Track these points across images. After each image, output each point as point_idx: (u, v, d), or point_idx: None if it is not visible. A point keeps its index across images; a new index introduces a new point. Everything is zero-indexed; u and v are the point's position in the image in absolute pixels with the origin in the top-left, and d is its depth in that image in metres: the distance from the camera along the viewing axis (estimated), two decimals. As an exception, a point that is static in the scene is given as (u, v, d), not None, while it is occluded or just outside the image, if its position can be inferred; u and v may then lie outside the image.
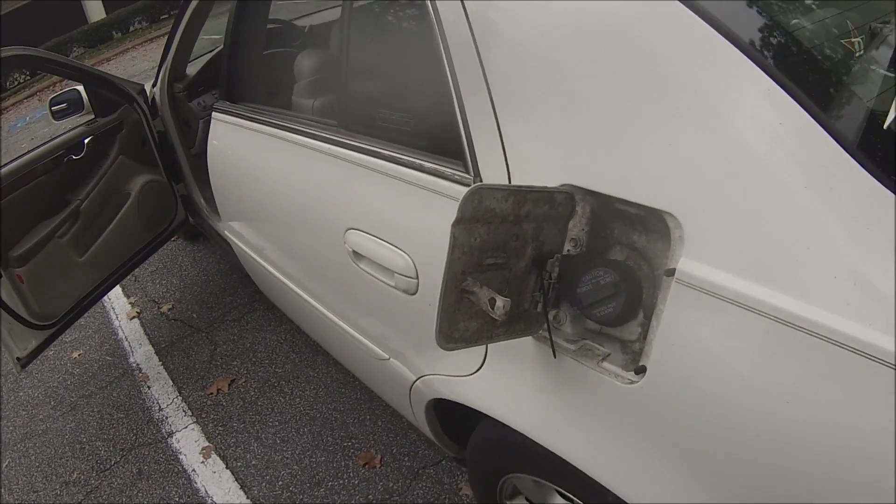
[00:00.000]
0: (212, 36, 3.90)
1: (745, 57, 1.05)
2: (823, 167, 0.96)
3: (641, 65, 1.15)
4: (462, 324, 1.21)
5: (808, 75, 1.13)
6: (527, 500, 1.96)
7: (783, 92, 1.01)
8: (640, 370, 1.18)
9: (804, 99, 1.00)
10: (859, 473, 0.92)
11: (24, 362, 3.00)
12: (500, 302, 1.12)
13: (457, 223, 1.11)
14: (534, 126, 1.34)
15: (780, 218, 0.98)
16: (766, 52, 1.08)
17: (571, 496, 1.58)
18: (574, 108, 1.25)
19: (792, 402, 0.97)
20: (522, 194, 1.18)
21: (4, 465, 3.42)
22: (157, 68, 3.83)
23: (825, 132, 0.97)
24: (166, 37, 3.56)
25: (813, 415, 0.95)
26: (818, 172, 0.96)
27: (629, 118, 1.16)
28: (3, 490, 3.27)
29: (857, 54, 1.25)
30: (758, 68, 1.03)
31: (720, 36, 1.07)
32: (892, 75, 1.22)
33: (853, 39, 1.27)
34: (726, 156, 1.04)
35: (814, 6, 1.36)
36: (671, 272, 1.10)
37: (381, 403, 3.12)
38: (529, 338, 1.38)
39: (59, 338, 3.28)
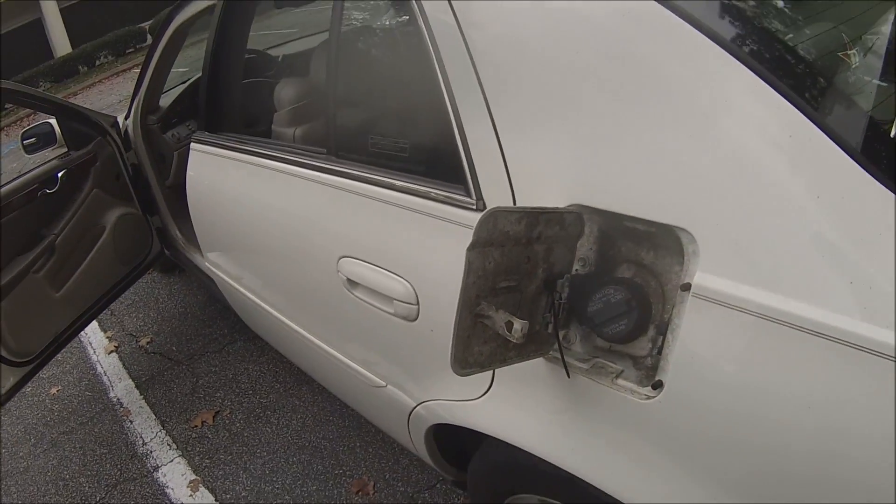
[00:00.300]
0: (178, 69, 3.88)
1: (752, 72, 1.06)
2: (834, 177, 0.97)
3: (648, 81, 1.16)
4: (476, 348, 1.20)
5: (813, 88, 1.14)
6: (531, 520, 1.94)
7: (790, 105, 1.02)
8: (657, 385, 1.17)
9: (811, 112, 1.01)
10: (889, 481, 0.91)
11: (2, 400, 2.94)
12: (518, 325, 1.12)
13: (472, 247, 1.10)
14: (537, 145, 1.33)
15: (792, 228, 0.99)
16: (772, 67, 1.08)
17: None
18: (578, 124, 1.25)
19: (814, 410, 0.97)
20: (535, 216, 1.18)
21: (-15, 507, 3.34)
22: (129, 100, 3.80)
23: (834, 143, 0.98)
24: (133, 70, 3.55)
25: (838, 422, 0.95)
26: (829, 182, 0.97)
27: (636, 134, 1.17)
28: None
29: (854, 66, 1.26)
30: (764, 83, 1.04)
31: (726, 52, 1.08)
32: (887, 84, 1.25)
33: (849, 52, 1.29)
34: (736, 169, 1.05)
35: (809, 21, 1.38)
36: (687, 287, 1.10)
37: (370, 430, 3.09)
38: (539, 359, 1.37)
39: (37, 374, 3.21)
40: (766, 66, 1.07)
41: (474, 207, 1.47)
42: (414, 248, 1.67)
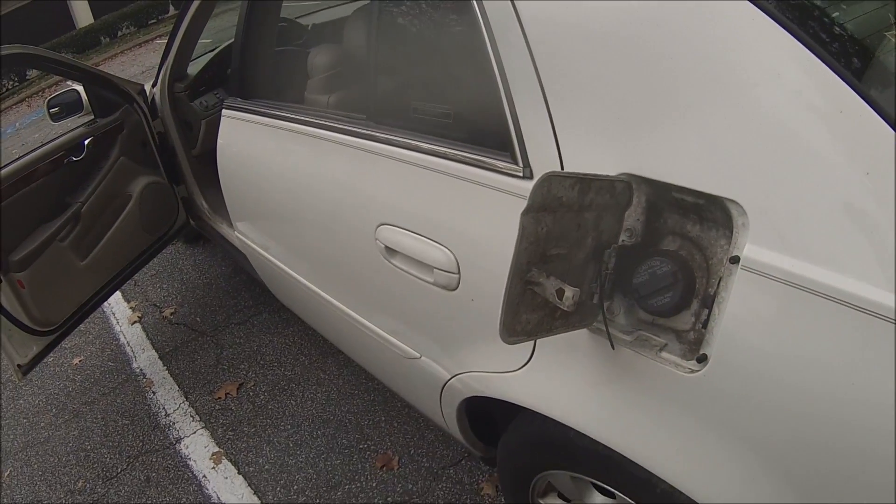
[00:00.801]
0: (202, 40, 3.85)
1: (803, 45, 1.04)
2: (884, 154, 0.95)
3: (698, 53, 1.13)
4: (524, 316, 1.18)
5: (862, 65, 1.11)
6: (560, 496, 1.91)
7: (841, 81, 1.00)
8: (702, 358, 1.16)
9: (861, 88, 0.99)
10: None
11: (25, 369, 2.94)
12: (570, 292, 1.10)
13: (526, 212, 1.08)
14: (588, 112, 1.30)
15: (843, 204, 0.98)
16: (822, 42, 1.05)
17: (616, 491, 1.54)
18: (627, 92, 1.23)
19: (858, 386, 0.97)
20: (587, 182, 1.16)
21: (6, 475, 3.35)
22: (155, 70, 3.77)
23: (884, 121, 0.96)
24: (155, 41, 3.53)
25: (884, 397, 0.94)
26: (878, 159, 0.96)
27: (685, 105, 1.15)
28: (5, 500, 3.20)
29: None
30: (815, 56, 1.02)
31: (776, 23, 1.06)
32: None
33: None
34: (786, 143, 1.03)
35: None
36: (735, 259, 1.09)
37: (396, 405, 3.07)
38: (581, 331, 1.35)
39: (60, 344, 3.21)
40: (815, 40, 1.05)
41: (521, 175, 1.43)
42: (456, 216, 1.63)
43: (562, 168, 1.36)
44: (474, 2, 1.49)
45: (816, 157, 1.00)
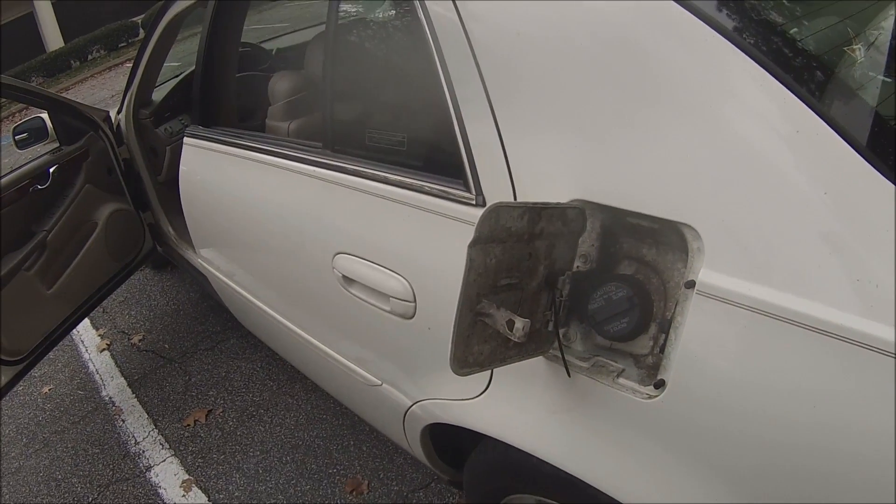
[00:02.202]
0: (170, 63, 3.85)
1: (758, 65, 1.04)
2: (841, 173, 0.96)
3: (652, 75, 1.14)
4: (476, 347, 1.18)
5: (820, 83, 1.12)
6: (526, 520, 1.92)
7: (797, 99, 1.00)
8: (660, 384, 1.16)
9: (817, 106, 1.00)
10: (890, 477, 0.91)
11: (-7, 399, 2.91)
12: (520, 323, 1.10)
13: (473, 243, 1.08)
14: (539, 138, 1.31)
15: (799, 224, 0.97)
16: (778, 60, 1.06)
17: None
18: (580, 117, 1.23)
19: (820, 409, 0.96)
20: (537, 211, 1.16)
21: (-24, 507, 3.31)
22: (122, 94, 3.76)
23: (841, 139, 0.96)
24: (125, 65, 3.52)
25: (843, 421, 0.94)
26: (836, 178, 0.96)
27: (639, 128, 1.15)
28: (-24, 532, 3.16)
29: (859, 61, 1.25)
30: (770, 76, 1.03)
31: (732, 45, 1.06)
32: (891, 80, 1.23)
33: (854, 46, 1.27)
34: (741, 164, 1.03)
35: (814, 16, 1.36)
36: (691, 284, 1.08)
37: (364, 428, 3.07)
38: (538, 358, 1.35)
39: (29, 373, 3.17)
40: (772, 59, 1.05)
41: (474, 203, 1.44)
42: (411, 245, 1.64)
43: (514, 194, 1.36)
44: (426, 28, 1.50)
45: (773, 177, 1.00)
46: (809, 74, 1.13)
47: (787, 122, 1.00)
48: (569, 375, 1.29)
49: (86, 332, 4.54)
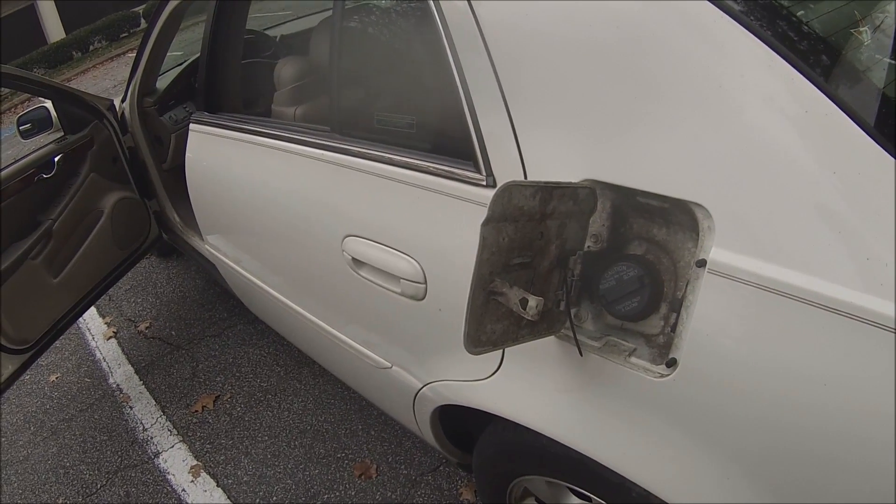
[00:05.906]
0: (172, 52, 3.85)
1: (766, 46, 1.04)
2: (850, 153, 0.96)
3: (660, 57, 1.14)
4: (489, 326, 1.19)
5: (827, 64, 1.12)
6: (537, 501, 1.93)
7: (806, 80, 1.01)
8: (671, 363, 1.16)
9: (826, 87, 1.00)
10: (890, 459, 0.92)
11: (1, 388, 2.92)
12: (533, 301, 1.11)
13: (486, 222, 1.08)
14: (550, 119, 1.31)
15: (810, 204, 0.98)
16: (786, 42, 1.06)
17: (591, 495, 1.56)
18: (591, 98, 1.23)
19: (830, 387, 0.97)
20: (549, 190, 1.17)
21: (-15, 495, 3.33)
22: (126, 83, 3.76)
23: (849, 119, 0.97)
24: (127, 55, 3.52)
25: (852, 400, 0.95)
26: (844, 158, 0.96)
27: (649, 109, 1.15)
28: (-15, 520, 3.18)
29: (866, 43, 1.25)
30: (779, 57, 1.03)
31: (740, 26, 1.07)
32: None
33: (861, 28, 1.27)
34: (751, 144, 1.04)
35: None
36: (702, 263, 1.09)
37: (372, 412, 3.08)
38: (549, 338, 1.35)
39: (36, 362, 3.19)
40: (780, 40, 1.05)
41: (484, 183, 1.44)
42: (421, 226, 1.64)
43: (525, 175, 1.36)
44: (435, 10, 1.49)
45: (783, 157, 1.00)
46: (817, 56, 1.13)
47: (796, 103, 1.01)
48: (581, 355, 1.29)
49: (92, 321, 4.56)
